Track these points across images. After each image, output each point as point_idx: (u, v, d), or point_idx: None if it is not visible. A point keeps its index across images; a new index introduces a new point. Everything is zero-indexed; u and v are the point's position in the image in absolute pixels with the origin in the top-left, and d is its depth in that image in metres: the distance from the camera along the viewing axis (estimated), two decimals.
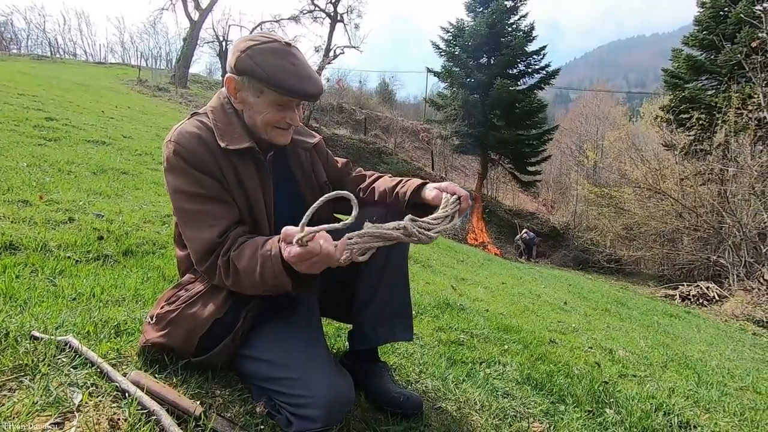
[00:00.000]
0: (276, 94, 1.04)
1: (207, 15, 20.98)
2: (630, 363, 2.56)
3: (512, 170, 19.35)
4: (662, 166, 13.69)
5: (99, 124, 6.77)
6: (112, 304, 1.46)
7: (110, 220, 2.53)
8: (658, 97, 20.39)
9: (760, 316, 7.53)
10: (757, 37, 10.69)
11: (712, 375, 2.78)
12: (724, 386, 2.54)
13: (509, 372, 1.76)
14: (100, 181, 3.63)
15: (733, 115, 11.23)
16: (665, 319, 5.58)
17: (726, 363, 3.47)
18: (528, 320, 3.10)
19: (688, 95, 14.83)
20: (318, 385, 0.99)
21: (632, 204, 14.35)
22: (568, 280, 8.24)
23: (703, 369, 2.91)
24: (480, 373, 1.66)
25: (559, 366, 2.02)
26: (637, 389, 1.99)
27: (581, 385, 1.79)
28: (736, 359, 3.85)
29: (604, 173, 20.69)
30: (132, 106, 10.68)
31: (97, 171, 3.97)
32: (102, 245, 2.11)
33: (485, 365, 1.79)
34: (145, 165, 4.93)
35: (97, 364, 0.96)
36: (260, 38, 1.06)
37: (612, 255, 14.61)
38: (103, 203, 2.93)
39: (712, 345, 4.31)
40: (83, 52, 29.53)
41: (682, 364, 2.91)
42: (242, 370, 1.12)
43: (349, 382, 1.07)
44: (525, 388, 1.64)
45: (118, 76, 19.10)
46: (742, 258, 10.01)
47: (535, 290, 5.12)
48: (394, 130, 22.42)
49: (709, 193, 12.03)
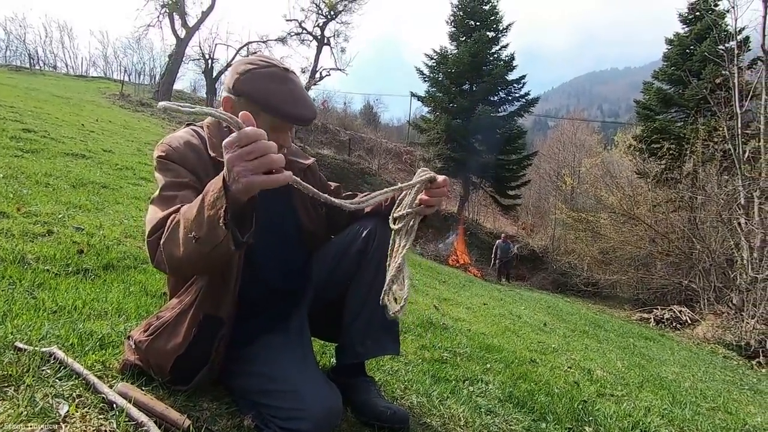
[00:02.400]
0: (271, 117, 1.07)
1: (194, 33, 21.13)
2: (608, 383, 2.61)
3: (493, 194, 19.74)
4: (636, 192, 14.21)
5: (79, 137, 6.66)
6: (95, 317, 1.44)
7: (90, 234, 2.49)
8: (631, 127, 21.33)
9: (729, 339, 7.76)
10: (720, 75, 11.40)
11: (686, 395, 2.86)
12: (697, 406, 2.62)
13: (492, 390, 1.78)
14: (80, 194, 3.56)
15: (700, 146, 11.83)
16: (641, 342, 5.71)
17: (698, 384, 3.57)
18: (509, 340, 3.14)
19: (658, 126, 15.60)
20: (309, 398, 1.00)
21: (608, 229, 14.78)
22: (547, 302, 8.36)
23: (677, 389, 3.00)
24: (464, 391, 1.68)
25: (539, 385, 2.05)
26: (615, 408, 2.04)
27: (561, 404, 1.82)
28: (707, 381, 3.97)
29: (581, 198, 21.33)
30: (113, 120, 10.55)
31: (77, 184, 3.89)
32: (82, 259, 2.07)
33: (468, 383, 1.81)
34: (126, 179, 4.87)
35: (83, 376, 0.95)
36: (260, 62, 1.10)
37: (589, 278, 14.91)
38: (83, 217, 2.87)
39: (685, 367, 4.43)
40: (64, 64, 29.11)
41: (657, 384, 2.98)
42: (232, 384, 1.11)
43: (338, 395, 1.08)
44: (507, 405, 1.67)
45: (99, 89, 18.87)
46: (711, 283, 10.35)
47: (515, 311, 5.19)
48: (377, 151, 22.68)
49: (680, 220, 12.51)
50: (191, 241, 0.86)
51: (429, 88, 19.13)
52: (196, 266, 0.94)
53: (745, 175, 9.39)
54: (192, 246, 0.86)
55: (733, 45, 11.51)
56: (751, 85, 10.02)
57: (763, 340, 7.25)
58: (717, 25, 12.89)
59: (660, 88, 16.59)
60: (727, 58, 10.41)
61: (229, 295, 1.04)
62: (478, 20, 18.38)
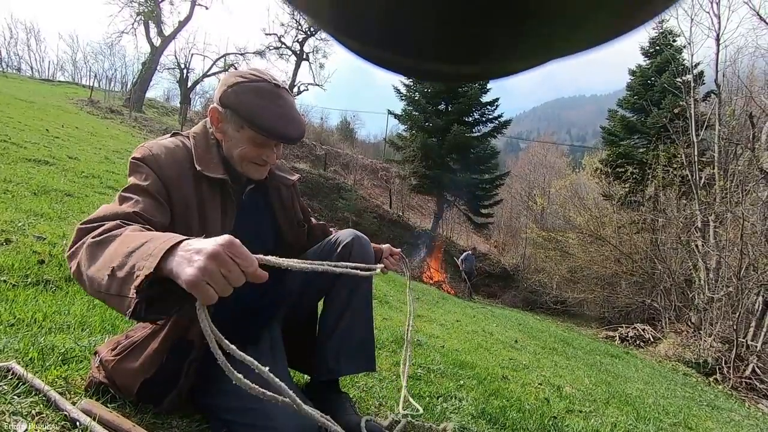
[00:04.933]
0: (254, 132, 1.06)
1: (170, 42, 20.83)
2: (576, 399, 2.66)
3: (466, 212, 20.07)
4: (602, 214, 14.76)
5: (42, 142, 6.39)
6: (57, 330, 1.37)
7: (52, 244, 2.38)
8: (597, 151, 22.27)
9: (689, 356, 8.07)
10: (678, 105, 12.14)
11: (649, 411, 2.95)
12: (659, 422, 2.71)
13: (465, 406, 1.79)
14: (42, 202, 3.40)
15: (660, 172, 12.47)
16: (607, 359, 5.86)
17: (661, 400, 3.69)
18: (482, 357, 3.17)
19: (623, 151, 16.40)
20: (281, 416, 0.98)
21: (576, 248, 15.24)
22: (518, 319, 8.49)
23: (641, 405, 3.08)
24: (437, 407, 1.68)
25: (511, 401, 2.08)
26: (583, 424, 2.08)
27: (532, 420, 1.85)
28: (669, 397, 4.10)
29: (550, 218, 22.00)
30: (81, 127, 10.18)
31: (39, 191, 3.72)
32: (43, 269, 1.98)
33: (442, 399, 1.81)
34: (93, 188, 4.69)
35: (44, 392, 0.90)
36: (250, 76, 1.08)
37: (558, 297, 15.27)
38: (45, 225, 2.74)
39: (648, 383, 4.57)
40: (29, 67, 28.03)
41: (622, 400, 3.06)
42: (203, 402, 1.08)
43: None
44: (480, 422, 1.67)
45: (66, 94, 18.21)
46: (672, 302, 10.80)
47: (487, 328, 5.24)
48: (353, 167, 22.74)
49: (643, 241, 13.06)
50: (107, 269, 0.75)
51: (406, 106, 19.47)
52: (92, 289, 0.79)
53: (702, 200, 9.95)
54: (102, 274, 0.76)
55: (690, 78, 12.35)
56: (705, 116, 10.72)
57: (719, 358, 7.58)
58: (675, 59, 13.81)
59: (624, 115, 17.52)
60: (684, 90, 11.13)
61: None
62: None
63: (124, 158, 6.95)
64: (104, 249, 0.79)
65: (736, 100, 10.61)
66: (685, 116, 10.85)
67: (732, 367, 7.12)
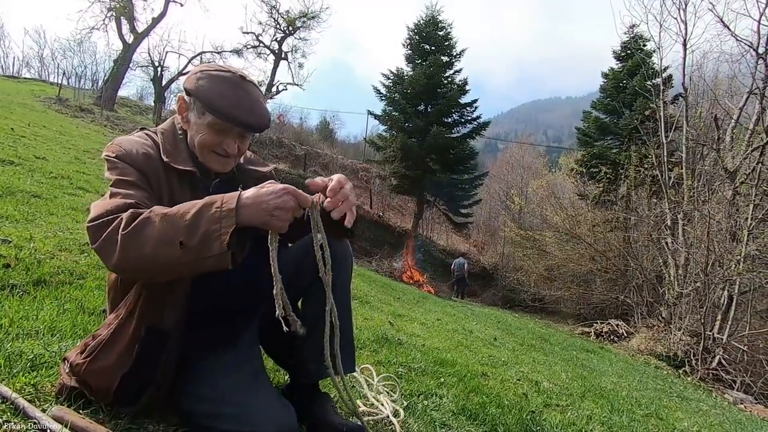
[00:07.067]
0: (214, 118, 1.06)
1: (143, 39, 20.29)
2: (553, 394, 2.73)
3: (446, 212, 20.24)
4: (577, 213, 15.14)
5: (7, 142, 6.12)
6: (24, 336, 1.32)
7: (19, 247, 2.28)
8: (572, 151, 22.83)
9: (660, 350, 8.37)
10: (649, 107, 12.56)
11: (623, 404, 3.05)
12: (632, 413, 2.80)
13: (445, 403, 1.81)
14: (7, 204, 3.26)
15: (632, 172, 12.88)
16: (582, 354, 6.01)
17: (634, 393, 3.82)
18: (462, 355, 3.20)
19: (597, 152, 16.85)
20: (260, 420, 0.97)
21: (553, 247, 15.59)
22: (497, 317, 8.62)
23: (615, 398, 3.18)
24: (418, 405, 1.70)
25: (491, 397, 2.11)
26: (560, 417, 2.13)
27: (511, 415, 1.89)
28: (642, 389, 4.25)
29: (528, 217, 22.41)
30: (48, 126, 9.80)
31: (3, 193, 3.56)
32: (9, 274, 1.90)
33: (423, 397, 1.83)
34: (62, 189, 4.52)
35: (12, 400, 0.87)
36: (216, 66, 1.11)
37: (536, 294, 15.58)
38: (10, 228, 2.63)
39: (622, 377, 4.71)
40: None
41: (597, 394, 3.15)
42: (180, 406, 1.05)
43: (291, 413, 1.06)
44: (461, 418, 1.70)
45: (33, 92, 17.50)
46: (644, 298, 11.17)
47: (467, 327, 5.30)
48: (333, 167, 22.65)
49: (616, 239, 13.46)
50: (174, 244, 0.86)
51: (386, 106, 19.49)
52: (162, 268, 0.90)
53: (671, 199, 10.32)
54: (171, 250, 0.86)
55: (659, 81, 12.79)
56: (674, 118, 11.12)
57: (688, 351, 7.89)
58: (645, 63, 14.28)
59: (598, 117, 18.02)
60: (654, 93, 11.52)
61: (176, 305, 1.00)
62: (433, 45, 19.08)
63: (96, 158, 6.71)
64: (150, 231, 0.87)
65: (702, 103, 11.03)
66: (655, 118, 11.24)
67: (700, 359, 7.42)
